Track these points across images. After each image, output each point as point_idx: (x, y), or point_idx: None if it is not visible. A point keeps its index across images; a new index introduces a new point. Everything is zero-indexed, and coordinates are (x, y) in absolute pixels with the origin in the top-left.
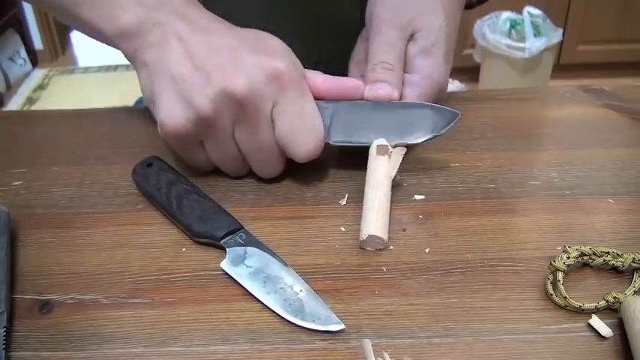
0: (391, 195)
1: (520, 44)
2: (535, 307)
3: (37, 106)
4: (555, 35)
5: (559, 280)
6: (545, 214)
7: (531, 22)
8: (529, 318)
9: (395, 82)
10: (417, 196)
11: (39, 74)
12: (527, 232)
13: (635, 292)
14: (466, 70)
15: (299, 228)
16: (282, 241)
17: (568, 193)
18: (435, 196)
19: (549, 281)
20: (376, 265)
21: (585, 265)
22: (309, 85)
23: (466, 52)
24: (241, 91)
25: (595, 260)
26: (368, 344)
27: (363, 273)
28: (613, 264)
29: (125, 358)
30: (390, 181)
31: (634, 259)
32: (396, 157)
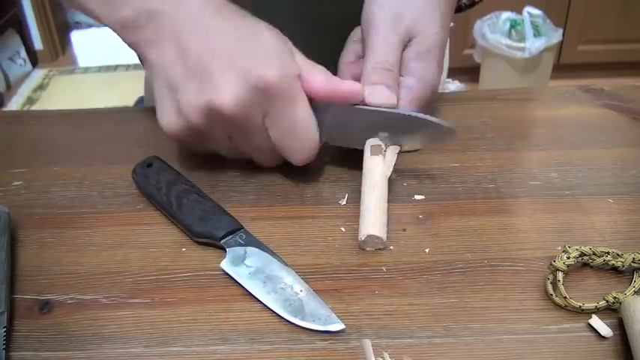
0: (388, 194)
1: (520, 44)
2: (535, 307)
3: (37, 106)
4: (555, 35)
5: (559, 280)
6: (545, 214)
7: (531, 22)
8: (529, 318)
9: (394, 85)
10: (417, 196)
11: (39, 74)
12: (527, 232)
13: (635, 292)
14: (466, 70)
15: (299, 228)
16: (282, 241)
17: (568, 193)
18: (435, 196)
19: (549, 281)
20: (376, 265)
21: (585, 265)
22: (305, 86)
23: (466, 52)
24: (227, 106)
25: (595, 260)
26: (368, 344)
27: (363, 273)
28: (613, 264)
29: (125, 358)
30: (386, 180)
31: (634, 259)
32: (391, 157)
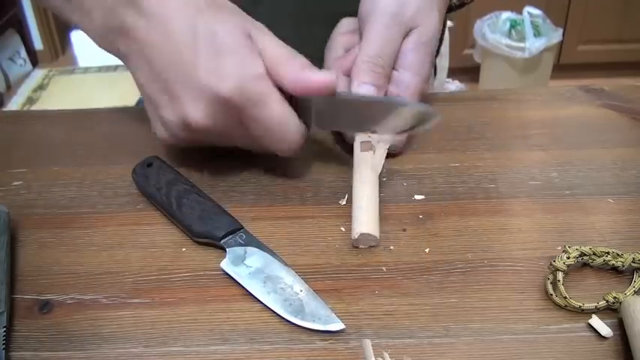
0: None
1: (520, 44)
2: (535, 307)
3: (37, 106)
4: (555, 35)
5: (559, 280)
6: (545, 214)
7: (531, 22)
8: (529, 318)
9: (381, 82)
10: (417, 196)
11: (39, 74)
12: (527, 232)
13: (635, 292)
14: (466, 70)
15: (299, 228)
16: (282, 241)
17: (568, 193)
18: (435, 196)
19: (549, 281)
20: (376, 265)
21: (585, 265)
22: (277, 82)
23: (466, 52)
24: (199, 122)
25: (595, 260)
26: (368, 344)
27: (363, 273)
28: (613, 264)
29: (125, 358)
30: (377, 177)
31: (634, 259)
32: (381, 152)
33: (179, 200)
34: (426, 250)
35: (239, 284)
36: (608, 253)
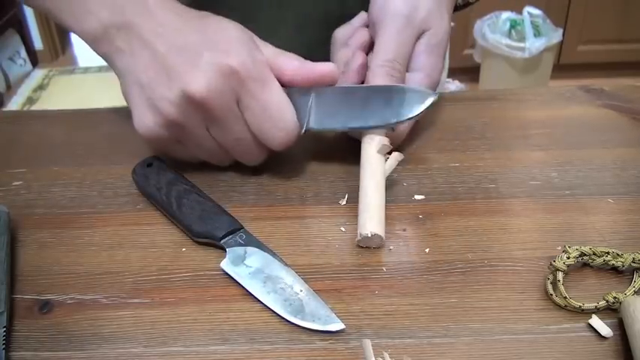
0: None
1: (520, 44)
2: (535, 307)
3: (37, 106)
4: (555, 35)
5: (559, 280)
6: (545, 214)
7: (531, 22)
8: (529, 318)
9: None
10: (417, 196)
11: (39, 74)
12: (527, 232)
13: (635, 292)
14: (466, 70)
15: (299, 228)
16: (282, 241)
17: (568, 193)
18: (435, 196)
19: (549, 281)
20: (376, 265)
21: (585, 265)
22: (278, 73)
23: (466, 52)
24: (199, 93)
25: (595, 260)
26: (368, 344)
27: (363, 273)
28: (613, 264)
29: (125, 358)
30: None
31: (634, 259)
32: (393, 162)
33: (179, 200)
34: (426, 250)
35: (239, 284)
36: (608, 253)
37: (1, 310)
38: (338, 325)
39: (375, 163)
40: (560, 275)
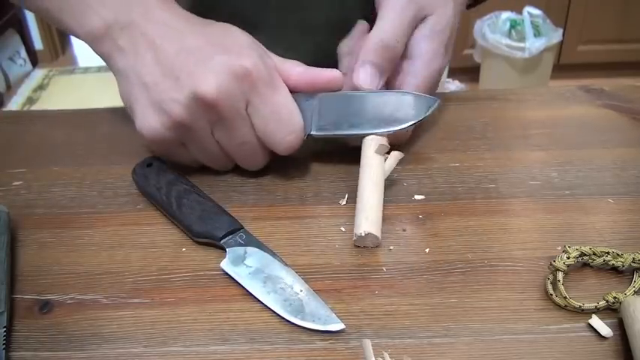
0: (388, 194)
1: (520, 44)
2: (535, 307)
3: (37, 106)
4: (555, 35)
5: (559, 280)
6: (545, 214)
7: (531, 22)
8: (529, 318)
9: (386, 65)
10: (417, 196)
11: (39, 74)
12: (527, 232)
13: (635, 292)
14: (466, 70)
15: (299, 228)
16: (282, 241)
17: (568, 193)
18: (435, 196)
19: (549, 281)
20: (376, 265)
21: (585, 265)
22: (285, 78)
23: (466, 52)
24: (211, 94)
25: (595, 260)
26: (368, 344)
27: (363, 273)
28: (613, 264)
29: (125, 358)
30: (384, 180)
31: (634, 259)
32: (392, 161)
33: (179, 200)
34: (426, 250)
35: (239, 284)
36: (608, 253)
37: (1, 310)
38: (338, 325)
39: (374, 163)
40: (560, 275)
